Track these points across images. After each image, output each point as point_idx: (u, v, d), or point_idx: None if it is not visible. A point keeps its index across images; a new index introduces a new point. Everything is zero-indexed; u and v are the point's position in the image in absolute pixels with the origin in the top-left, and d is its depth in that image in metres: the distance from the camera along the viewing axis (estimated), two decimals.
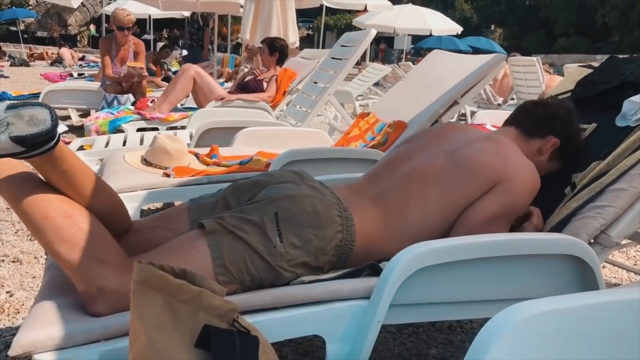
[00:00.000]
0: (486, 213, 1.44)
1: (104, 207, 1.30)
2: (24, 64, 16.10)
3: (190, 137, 3.34)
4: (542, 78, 6.49)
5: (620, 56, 2.06)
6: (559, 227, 1.55)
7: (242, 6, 7.01)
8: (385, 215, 1.46)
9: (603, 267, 2.66)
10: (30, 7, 26.79)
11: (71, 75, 8.62)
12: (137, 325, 0.98)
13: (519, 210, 1.52)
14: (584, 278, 1.40)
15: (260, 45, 5.05)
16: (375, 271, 1.31)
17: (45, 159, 1.15)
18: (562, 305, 0.93)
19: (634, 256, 2.90)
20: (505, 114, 5.19)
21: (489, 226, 1.43)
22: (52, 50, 19.00)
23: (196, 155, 2.68)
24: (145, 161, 2.45)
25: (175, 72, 7.13)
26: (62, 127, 4.55)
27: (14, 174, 1.19)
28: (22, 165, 1.22)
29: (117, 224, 1.38)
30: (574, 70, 2.10)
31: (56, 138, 1.11)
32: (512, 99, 7.47)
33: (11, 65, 15.58)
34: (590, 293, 0.98)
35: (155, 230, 1.47)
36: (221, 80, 7.86)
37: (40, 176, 1.23)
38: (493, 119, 4.61)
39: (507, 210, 1.47)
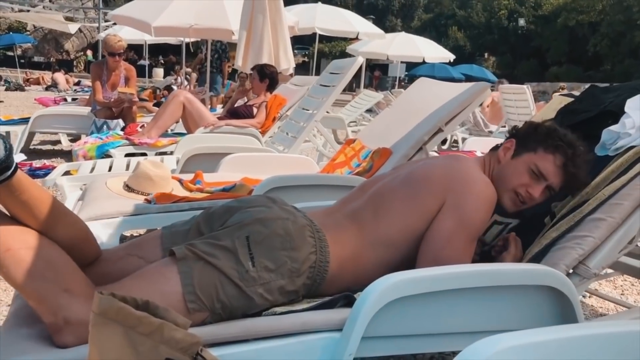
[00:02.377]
0: (443, 234, 1.44)
1: (68, 236, 1.28)
2: (19, 88, 16.15)
3: (177, 162, 3.33)
4: (532, 105, 6.54)
5: (601, 85, 2.07)
6: (538, 258, 1.53)
7: (234, 33, 7.07)
8: (357, 232, 1.46)
9: (589, 297, 2.64)
10: (28, 33, 27.01)
11: (65, 100, 8.63)
12: (95, 358, 0.95)
13: (477, 225, 1.48)
14: (562, 309, 1.38)
15: (250, 72, 5.08)
16: (350, 302, 1.29)
17: (3, 189, 1.13)
18: (531, 339, 0.91)
19: (621, 285, 2.88)
20: (496, 140, 5.21)
21: (450, 246, 1.42)
22: (48, 75, 19.07)
23: (180, 181, 2.66)
24: (128, 187, 2.42)
25: None
26: (19, 157, 4.52)
27: None
28: None
29: (84, 253, 1.35)
30: (555, 99, 2.11)
31: (12, 168, 1.10)
32: (504, 126, 7.52)
33: (6, 89, 15.62)
34: (562, 327, 0.96)
35: (125, 259, 1.45)
36: (214, 106, 7.91)
37: (1, 207, 1.21)
38: (483, 145, 4.62)
39: (461, 226, 1.44)
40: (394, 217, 1.47)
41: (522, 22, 35.53)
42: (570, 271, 1.47)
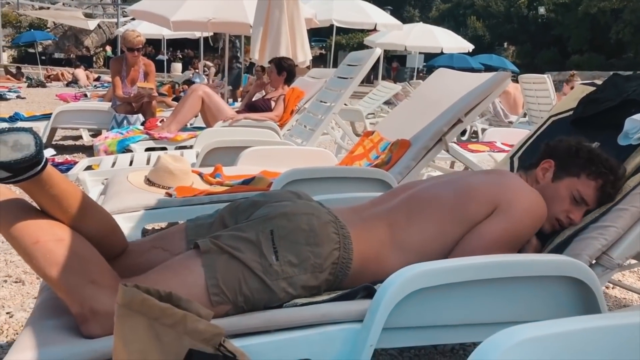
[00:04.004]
0: (486, 238, 1.43)
1: (96, 229, 1.30)
2: (40, 85, 16.37)
3: (197, 156, 3.35)
4: (553, 95, 6.45)
5: (624, 73, 2.03)
6: (560, 248, 1.52)
7: (252, 26, 7.07)
8: (385, 233, 1.45)
9: (613, 288, 2.61)
10: (48, 30, 27.34)
11: (85, 95, 8.75)
12: (120, 348, 0.97)
13: (521, 236, 1.49)
14: (585, 300, 1.36)
15: (266, 66, 5.09)
16: (370, 293, 1.29)
17: (34, 184, 1.15)
18: (553, 330, 0.90)
19: None
20: (516, 131, 5.14)
21: (493, 250, 1.41)
22: (68, 71, 19.31)
23: (200, 174, 2.69)
24: (149, 181, 2.45)
25: None
26: (49, 152, 4.59)
27: (3, 200, 1.20)
28: (10, 191, 1.23)
29: (111, 246, 1.38)
30: (577, 88, 2.08)
31: (42, 163, 1.12)
32: (524, 116, 7.43)
33: (28, 86, 15.85)
34: (585, 317, 0.95)
35: (151, 252, 1.47)
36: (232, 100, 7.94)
37: (31, 201, 1.24)
38: (503, 136, 4.58)
39: (507, 234, 1.45)
40: (429, 223, 1.46)
41: (542, 10, 34.98)
42: (593, 262, 1.46)
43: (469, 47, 15.45)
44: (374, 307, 1.21)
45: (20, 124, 5.10)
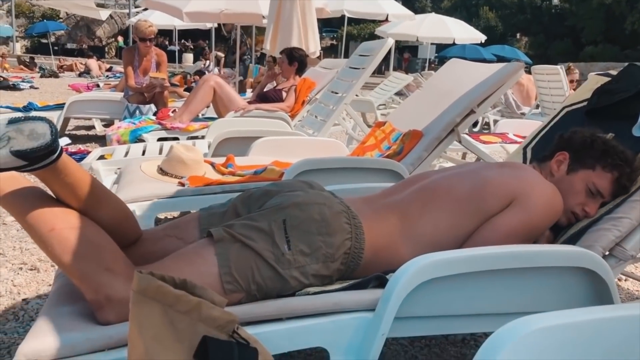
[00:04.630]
0: (502, 230, 1.42)
1: (111, 218, 1.31)
2: (53, 75, 16.45)
3: (209, 146, 3.37)
4: (566, 86, 6.39)
5: None
6: (573, 239, 1.52)
7: (264, 17, 7.06)
8: (398, 223, 1.45)
9: (625, 280, 2.59)
10: (61, 20, 27.47)
11: (97, 85, 8.79)
12: (135, 335, 0.98)
13: (537, 229, 1.49)
14: (598, 292, 1.36)
15: (279, 56, 5.08)
16: (382, 283, 1.30)
17: (49, 172, 1.16)
18: (566, 320, 0.90)
19: None
20: (528, 122, 5.10)
21: (507, 242, 1.41)
22: (81, 61, 19.38)
23: (212, 164, 2.70)
24: (161, 170, 2.47)
25: None
26: (64, 140, 4.62)
27: (19, 189, 1.21)
28: (27, 180, 1.24)
29: (126, 234, 1.39)
30: (592, 79, 2.06)
31: (58, 151, 1.13)
32: (537, 107, 7.38)
33: (41, 76, 15.93)
34: (598, 308, 0.95)
35: (164, 240, 1.48)
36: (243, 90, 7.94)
37: (47, 189, 1.25)
38: (516, 127, 4.55)
39: (523, 227, 1.44)
40: (443, 214, 1.45)
41: (555, 0, 34.57)
42: (607, 253, 1.45)
43: (481, 37, 15.33)
44: (386, 297, 1.21)
45: (34, 114, 5.14)
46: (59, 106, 5.59)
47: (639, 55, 24.81)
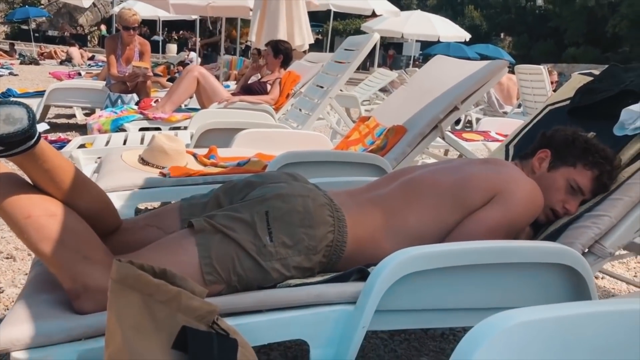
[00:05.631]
0: (483, 224, 1.43)
1: (89, 205, 1.29)
2: (33, 62, 16.18)
3: (191, 137, 3.33)
4: (548, 86, 6.45)
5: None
6: (554, 236, 1.53)
7: (252, 10, 7.02)
8: (381, 217, 1.45)
9: (602, 278, 2.63)
10: (42, 7, 27.01)
11: (79, 74, 8.66)
12: (113, 324, 0.97)
13: (518, 224, 1.49)
14: (577, 288, 1.37)
15: (263, 48, 5.05)
16: (364, 275, 1.30)
17: (27, 158, 1.14)
18: (545, 315, 0.91)
19: (634, 267, 2.87)
20: (510, 121, 5.14)
21: (489, 236, 1.42)
22: (62, 49, 19.08)
23: (194, 155, 2.67)
24: (143, 160, 2.44)
25: None
26: (42, 126, 4.54)
27: None
28: (4, 166, 1.21)
29: (105, 223, 1.37)
30: (575, 78, 2.08)
31: (36, 137, 1.11)
32: (519, 106, 7.44)
33: (21, 63, 15.67)
34: (576, 303, 0.96)
35: (145, 229, 1.46)
36: (228, 82, 7.88)
37: (25, 176, 1.22)
38: (498, 126, 4.58)
39: (504, 222, 1.45)
40: (427, 209, 1.46)
41: (539, 1, 34.88)
42: (586, 250, 1.47)
43: (466, 35, 15.42)
44: (367, 289, 1.21)
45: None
46: (39, 93, 5.50)
47: (620, 58, 25.16)
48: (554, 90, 6.13)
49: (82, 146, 3.25)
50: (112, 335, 0.95)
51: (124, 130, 3.95)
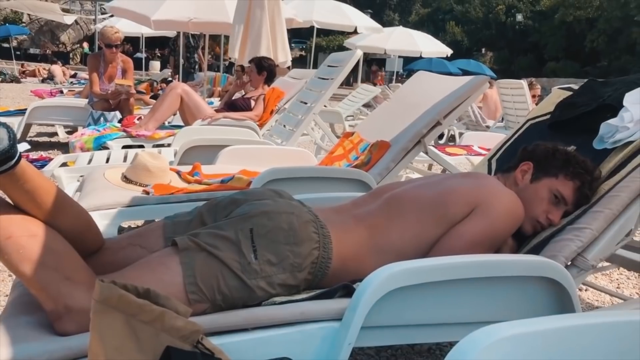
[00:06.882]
0: (464, 238, 1.44)
1: (71, 225, 1.28)
2: (15, 80, 16.05)
3: (175, 154, 3.32)
4: (529, 100, 6.54)
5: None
6: (537, 249, 1.54)
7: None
8: (365, 233, 1.46)
9: (585, 290, 2.65)
10: (24, 24, 26.82)
11: (61, 92, 8.60)
12: (96, 345, 0.96)
13: (500, 236, 1.51)
14: (560, 301, 1.38)
15: (246, 65, 5.07)
16: (349, 292, 1.29)
17: (7, 179, 1.12)
18: (530, 328, 0.91)
19: (617, 279, 2.90)
20: (493, 135, 5.18)
21: (472, 250, 1.43)
22: (44, 67, 18.96)
23: (178, 173, 2.66)
24: (126, 178, 2.42)
25: None
26: (23, 146, 4.50)
27: None
28: None
29: (87, 243, 1.36)
30: (555, 92, 2.11)
31: (16, 157, 1.09)
32: (501, 121, 7.52)
33: (2, 81, 15.53)
34: (561, 316, 0.96)
35: (128, 249, 1.45)
36: (211, 99, 7.88)
37: (5, 196, 1.21)
38: (480, 140, 4.63)
39: (486, 234, 1.46)
40: (409, 224, 1.47)
41: (519, 17, 35.47)
42: (569, 263, 1.48)
43: (448, 51, 15.60)
44: (352, 306, 1.21)
45: None
46: (21, 112, 5.45)
47: (598, 72, 25.65)
48: (536, 104, 6.23)
49: (64, 165, 3.22)
50: (95, 357, 0.94)
51: (106, 148, 3.92)
